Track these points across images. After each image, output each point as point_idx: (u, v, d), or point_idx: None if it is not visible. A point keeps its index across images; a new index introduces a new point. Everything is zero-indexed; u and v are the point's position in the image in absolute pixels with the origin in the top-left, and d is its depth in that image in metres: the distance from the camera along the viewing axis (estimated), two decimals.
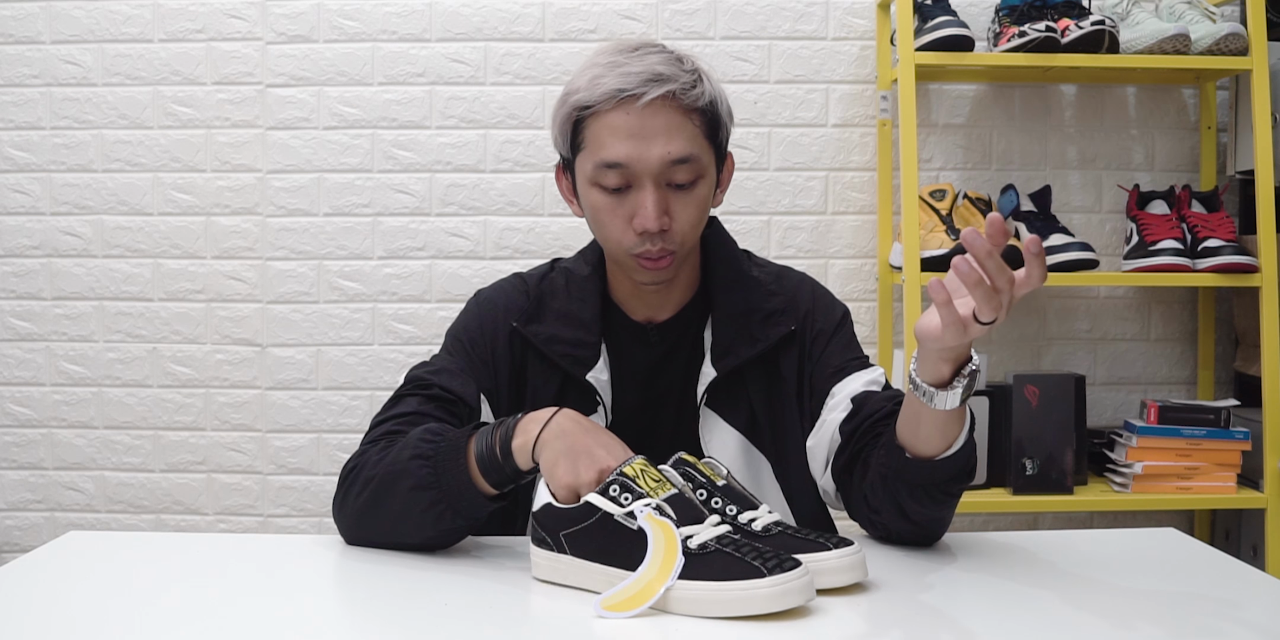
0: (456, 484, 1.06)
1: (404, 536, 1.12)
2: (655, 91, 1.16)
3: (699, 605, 0.91)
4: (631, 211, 1.19)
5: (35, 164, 2.39)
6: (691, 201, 1.21)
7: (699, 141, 1.20)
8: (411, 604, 0.96)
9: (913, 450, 1.08)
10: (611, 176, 1.19)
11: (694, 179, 1.20)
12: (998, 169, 2.41)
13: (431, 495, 1.07)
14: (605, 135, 1.18)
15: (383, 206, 2.38)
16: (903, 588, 1.01)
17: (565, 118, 1.22)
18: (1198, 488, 2.11)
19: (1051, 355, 2.42)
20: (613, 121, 1.18)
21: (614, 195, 1.20)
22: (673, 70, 1.18)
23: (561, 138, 1.24)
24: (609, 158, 1.18)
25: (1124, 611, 0.94)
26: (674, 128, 1.18)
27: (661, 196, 1.19)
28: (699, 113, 1.20)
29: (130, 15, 2.38)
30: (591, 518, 0.97)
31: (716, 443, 1.26)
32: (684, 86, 1.18)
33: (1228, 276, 2.09)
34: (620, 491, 0.96)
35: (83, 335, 2.40)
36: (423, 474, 1.07)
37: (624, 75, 1.17)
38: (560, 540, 0.99)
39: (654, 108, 1.17)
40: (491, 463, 1.07)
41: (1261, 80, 2.09)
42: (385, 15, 2.37)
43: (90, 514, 2.41)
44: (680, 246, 1.22)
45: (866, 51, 2.39)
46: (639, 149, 1.17)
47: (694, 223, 1.22)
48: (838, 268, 2.39)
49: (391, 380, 2.38)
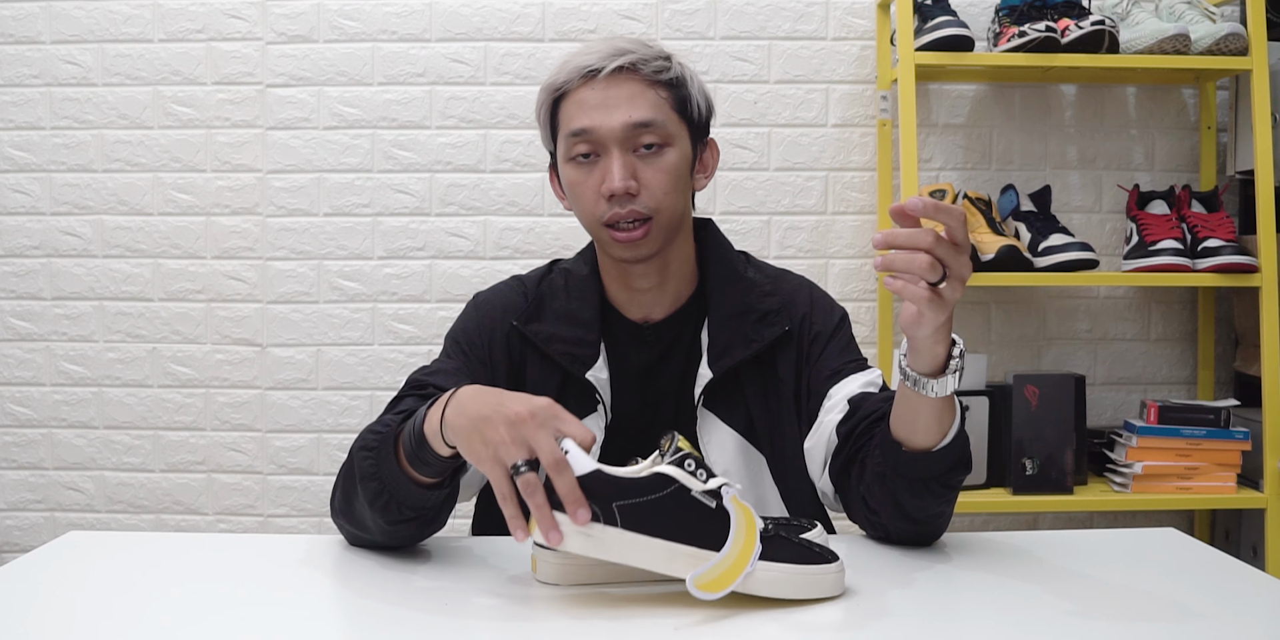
0: (393, 475, 1.04)
1: (371, 532, 1.10)
2: (615, 62, 1.22)
3: (779, 587, 0.94)
4: (600, 178, 1.23)
5: (35, 164, 2.39)
6: (660, 166, 1.24)
7: (664, 110, 1.24)
8: (411, 604, 0.96)
9: (910, 444, 1.08)
10: (580, 145, 1.23)
11: (661, 144, 1.24)
12: (998, 169, 2.41)
13: (375, 486, 1.05)
14: (573, 109, 1.24)
15: (383, 206, 2.38)
16: (902, 588, 1.01)
17: (544, 105, 1.28)
18: (1198, 488, 2.11)
19: (1051, 355, 2.42)
20: (580, 97, 1.24)
21: (585, 166, 1.24)
22: (637, 47, 1.25)
23: (544, 129, 1.30)
24: (575, 125, 1.23)
25: (1124, 611, 0.94)
26: (635, 95, 1.23)
27: (627, 161, 1.23)
28: (664, 85, 1.25)
29: (130, 15, 2.38)
30: (665, 489, 0.91)
31: (714, 443, 1.26)
32: (644, 58, 1.24)
33: (1228, 276, 2.09)
34: (695, 466, 0.92)
35: (83, 335, 2.40)
36: (366, 465, 1.06)
37: (588, 54, 1.24)
38: (613, 511, 0.90)
39: (616, 79, 1.23)
40: (418, 454, 1.02)
41: (1261, 80, 2.09)
42: (385, 15, 2.37)
43: (90, 514, 2.41)
44: (655, 213, 1.23)
45: (866, 51, 2.39)
46: (602, 116, 1.22)
47: (665, 189, 1.24)
48: (837, 268, 2.39)
49: (391, 380, 2.38)
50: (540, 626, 0.93)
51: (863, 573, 1.04)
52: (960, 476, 1.10)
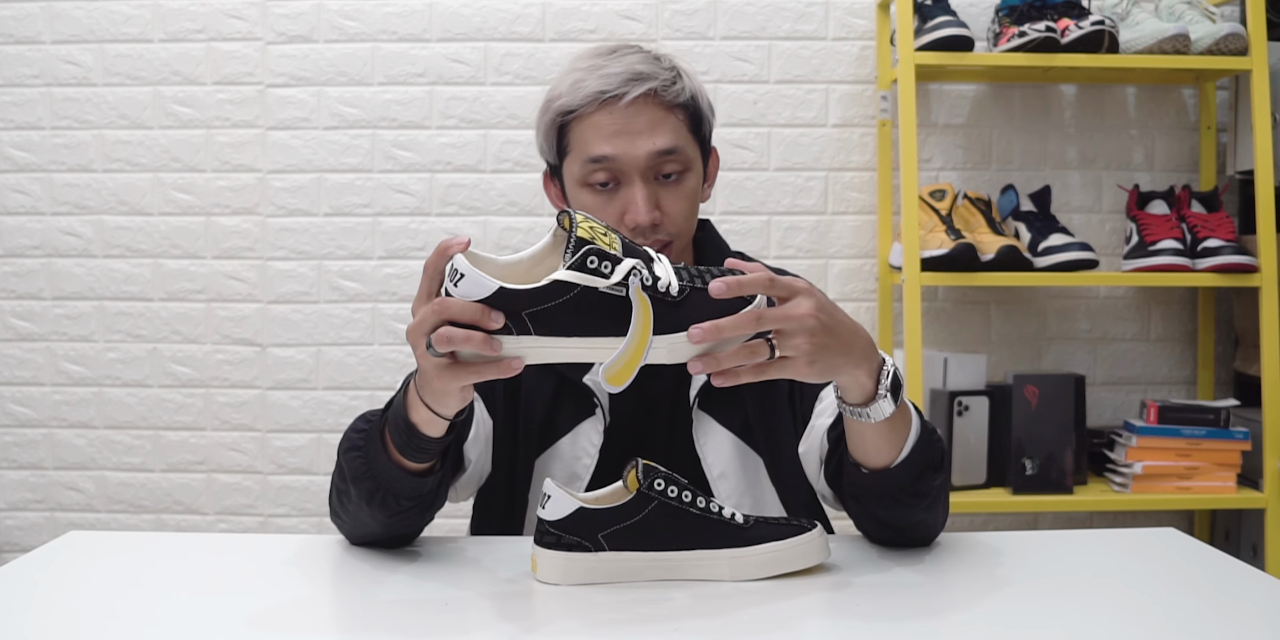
0: (385, 469, 1.04)
1: (372, 527, 1.11)
2: (636, 90, 1.19)
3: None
4: (622, 208, 1.21)
5: (35, 164, 2.39)
6: (681, 194, 1.23)
7: (683, 135, 1.23)
8: (411, 604, 0.96)
9: (871, 464, 1.07)
10: (599, 173, 1.21)
11: (682, 171, 1.23)
12: (997, 169, 2.41)
13: (369, 484, 1.05)
14: (590, 135, 1.21)
15: (383, 206, 2.38)
16: (902, 587, 1.01)
17: (550, 124, 1.24)
18: (1198, 488, 2.11)
19: (1051, 355, 2.42)
20: (597, 122, 1.20)
21: (603, 193, 1.22)
22: (652, 69, 1.21)
23: (548, 144, 1.27)
24: (596, 152, 1.20)
25: (1124, 611, 0.94)
26: (657, 122, 1.21)
27: (651, 191, 1.21)
28: (681, 108, 1.23)
29: (130, 15, 2.38)
30: (567, 294, 0.89)
31: (711, 445, 1.26)
32: (664, 83, 1.21)
33: (1228, 276, 2.09)
34: (599, 261, 0.89)
35: (83, 335, 2.40)
36: (357, 465, 1.06)
37: (604, 77, 1.20)
38: (523, 320, 0.89)
39: (637, 106, 1.20)
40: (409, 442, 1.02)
41: (1261, 80, 2.09)
42: (385, 15, 2.37)
43: (90, 514, 2.41)
44: (675, 238, 1.24)
45: (866, 51, 2.39)
46: (625, 145, 1.19)
47: (685, 215, 1.24)
48: (837, 268, 2.39)
49: (391, 380, 2.38)
50: (540, 626, 0.93)
51: (862, 572, 1.05)
52: (930, 482, 1.08)
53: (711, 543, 1.02)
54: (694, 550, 1.02)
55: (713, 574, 1.02)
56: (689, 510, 1.02)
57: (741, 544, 1.02)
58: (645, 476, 1.02)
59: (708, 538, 1.02)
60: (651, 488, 1.01)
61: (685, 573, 1.02)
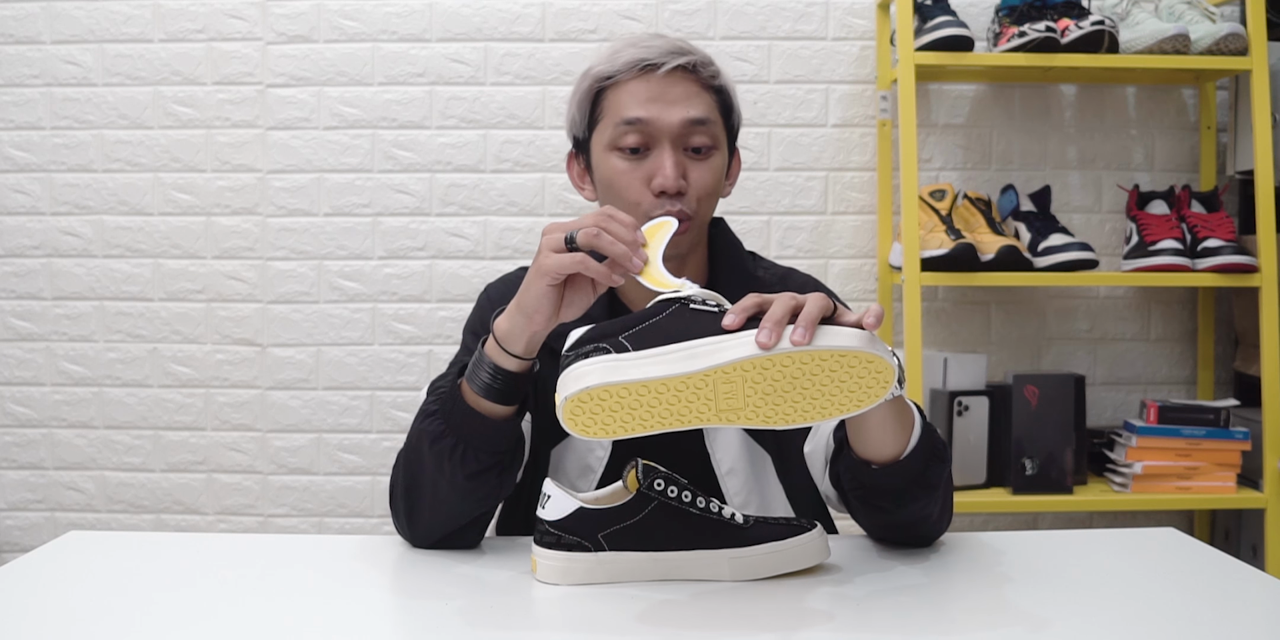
0: (466, 420, 1.07)
1: (450, 500, 1.11)
2: (675, 61, 1.22)
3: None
4: (649, 173, 1.23)
5: (35, 164, 2.39)
6: (707, 169, 1.25)
7: (715, 113, 1.25)
8: (411, 603, 0.97)
9: (880, 457, 1.08)
10: (631, 136, 1.23)
11: (710, 146, 1.25)
12: (997, 169, 2.41)
13: (448, 443, 1.07)
14: (626, 99, 1.23)
15: (383, 206, 2.38)
16: (902, 587, 1.01)
17: (586, 91, 1.27)
18: (1197, 488, 2.11)
19: (1051, 355, 2.42)
20: (634, 88, 1.23)
21: (632, 158, 1.24)
22: (693, 49, 1.25)
23: (580, 113, 1.29)
24: (629, 115, 1.22)
25: (1124, 611, 0.94)
26: (693, 95, 1.23)
27: (679, 158, 1.23)
28: (714, 91, 1.26)
29: (130, 15, 2.38)
30: (666, 310, 0.94)
31: (720, 441, 1.27)
32: (703, 61, 1.25)
33: (1227, 276, 2.09)
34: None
35: (83, 335, 2.40)
36: (434, 427, 1.08)
37: (645, 48, 1.23)
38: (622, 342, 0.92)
39: (674, 77, 1.23)
40: (492, 384, 1.06)
41: (1261, 80, 2.09)
42: (385, 15, 2.37)
43: (90, 514, 2.41)
44: (695, 214, 1.25)
45: (866, 51, 2.39)
46: (659, 110, 1.22)
47: (708, 190, 1.26)
48: (837, 268, 2.40)
49: (392, 380, 2.38)
50: (540, 626, 0.93)
51: (863, 572, 1.05)
52: (939, 472, 1.09)
53: (711, 543, 1.02)
54: (694, 550, 1.02)
55: (713, 574, 1.02)
56: (689, 510, 1.02)
57: (741, 544, 1.02)
58: (645, 476, 1.02)
59: (708, 538, 1.02)
60: (651, 488, 1.02)
61: (685, 573, 1.02)
